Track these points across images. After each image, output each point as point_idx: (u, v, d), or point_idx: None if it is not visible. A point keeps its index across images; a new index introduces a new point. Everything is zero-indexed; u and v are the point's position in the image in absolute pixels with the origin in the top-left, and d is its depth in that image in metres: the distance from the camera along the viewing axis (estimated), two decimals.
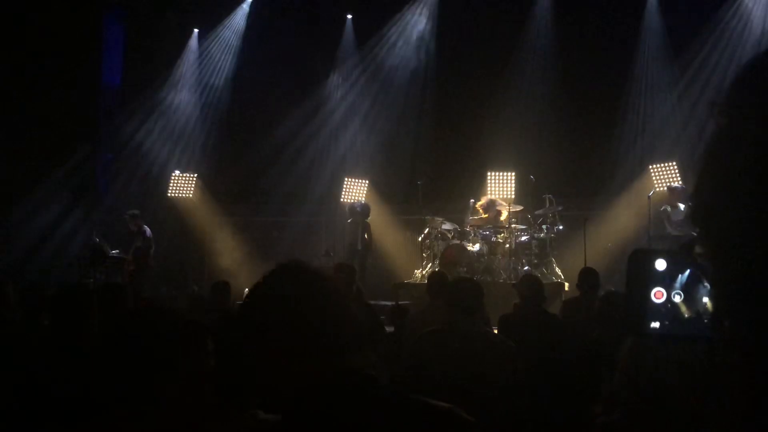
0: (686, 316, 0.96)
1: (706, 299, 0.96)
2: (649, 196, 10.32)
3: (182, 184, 12.62)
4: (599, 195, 11.73)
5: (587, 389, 3.06)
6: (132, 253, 10.68)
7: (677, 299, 0.97)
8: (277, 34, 13.15)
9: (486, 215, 10.70)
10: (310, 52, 13.20)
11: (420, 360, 3.46)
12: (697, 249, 0.94)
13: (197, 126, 13.51)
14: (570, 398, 3.20)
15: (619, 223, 11.38)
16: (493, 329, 4.85)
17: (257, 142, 12.97)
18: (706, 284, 0.96)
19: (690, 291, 0.97)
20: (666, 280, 0.98)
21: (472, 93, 12.63)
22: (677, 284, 0.97)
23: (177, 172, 12.72)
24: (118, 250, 10.90)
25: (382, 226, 12.20)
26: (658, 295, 0.98)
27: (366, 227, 11.29)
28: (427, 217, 10.79)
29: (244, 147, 13.17)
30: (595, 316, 4.36)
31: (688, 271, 0.96)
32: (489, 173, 11.70)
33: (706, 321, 0.95)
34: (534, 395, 3.30)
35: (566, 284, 9.70)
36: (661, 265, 0.98)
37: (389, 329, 5.76)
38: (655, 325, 0.98)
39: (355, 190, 12.52)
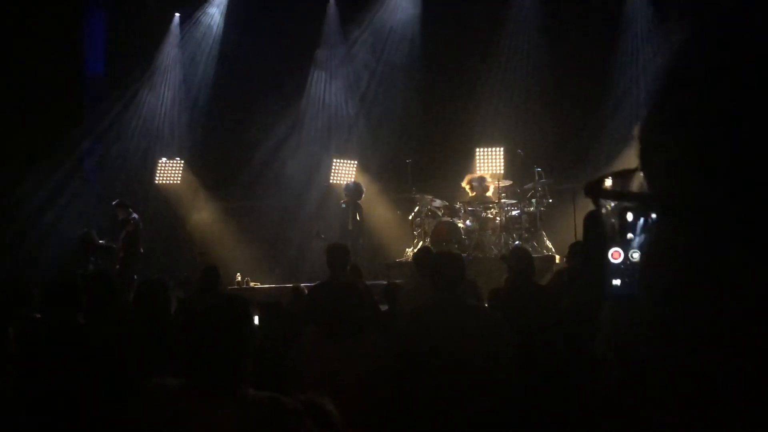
0: None
1: None
2: (636, 168, 10.31)
3: (169, 171, 12.55)
4: (588, 166, 11.71)
5: (577, 358, 3.07)
6: (121, 240, 10.64)
7: (636, 257, 0.97)
8: (260, 15, 13.01)
9: (473, 193, 10.73)
10: (295, 33, 13.07)
11: (410, 337, 3.47)
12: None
13: (183, 111, 13.39)
14: (561, 368, 3.21)
15: None
16: (484, 304, 4.86)
17: (243, 125, 12.88)
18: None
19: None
20: (623, 239, 0.97)
21: (459, 70, 12.57)
22: (635, 243, 0.96)
23: (163, 159, 12.64)
24: (106, 239, 10.86)
25: (372, 206, 12.19)
26: (615, 255, 0.97)
27: (357, 208, 11.28)
28: (417, 196, 10.78)
29: (230, 131, 13.08)
30: (566, 284, 4.39)
31: (640, 232, 0.95)
32: (477, 149, 11.69)
33: None
34: (525, 366, 3.32)
35: (557, 257, 9.73)
36: (616, 224, 0.98)
37: (383, 308, 5.77)
38: (617, 282, 0.98)
39: (343, 171, 12.48)
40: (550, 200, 10.54)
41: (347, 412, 2.27)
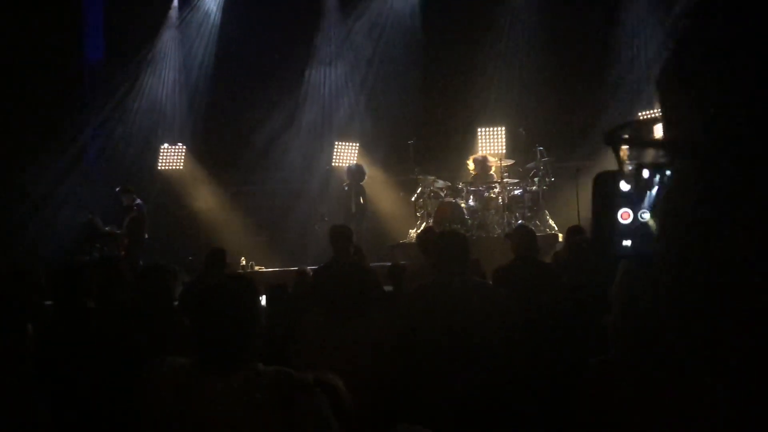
0: (654, 232, 0.96)
1: None
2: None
3: (171, 157, 12.55)
4: (590, 144, 11.70)
5: (581, 333, 3.10)
6: (126, 227, 10.68)
7: (645, 217, 0.97)
8: (259, 1, 12.96)
9: (476, 172, 10.75)
10: (294, 15, 13.02)
11: (415, 314, 3.50)
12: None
13: (184, 97, 13.37)
14: (565, 343, 3.25)
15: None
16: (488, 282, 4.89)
17: (245, 109, 12.87)
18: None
19: (657, 208, 0.97)
20: (632, 200, 0.98)
21: (460, 50, 12.53)
22: (644, 203, 0.97)
23: (165, 145, 12.64)
24: (111, 226, 10.90)
25: (375, 188, 12.20)
26: (624, 216, 0.98)
27: (360, 190, 11.30)
28: (419, 177, 10.79)
29: (232, 115, 13.07)
30: (564, 263, 4.41)
31: (655, 189, 0.96)
32: (479, 129, 11.68)
33: None
34: (530, 342, 3.35)
35: (560, 235, 9.74)
36: (625, 185, 0.98)
37: (388, 289, 5.81)
38: (627, 243, 0.98)
39: (346, 154, 12.48)
40: (553, 179, 10.54)
41: (353, 392, 2.31)
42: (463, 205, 10.21)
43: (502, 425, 2.50)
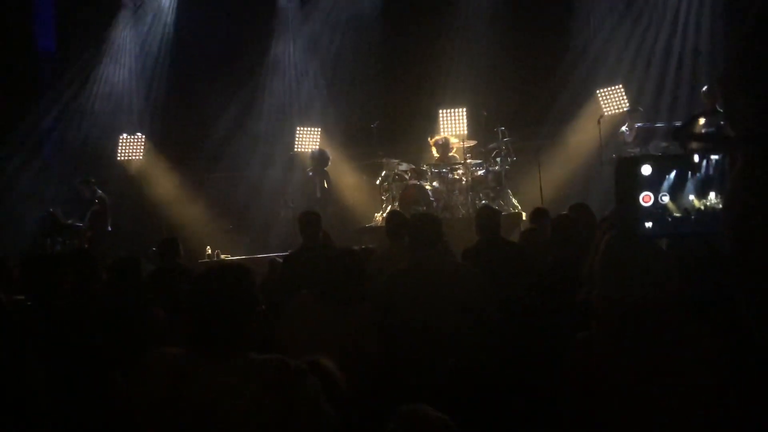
0: (675, 215, 1.03)
1: (692, 197, 1.02)
2: (598, 121, 10.51)
3: (131, 147, 12.35)
4: (550, 123, 11.88)
5: (557, 310, 3.19)
6: (88, 219, 10.53)
7: (665, 200, 1.04)
8: None
9: (438, 154, 10.84)
10: (253, 0, 12.88)
11: (391, 299, 3.54)
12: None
13: (141, 85, 13.14)
14: (541, 320, 3.34)
15: (570, 149, 11.60)
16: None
17: (204, 97, 12.72)
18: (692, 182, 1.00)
19: (676, 191, 1.03)
20: (653, 183, 1.03)
21: (419, 31, 12.54)
22: (664, 187, 1.03)
23: (124, 135, 12.43)
24: (72, 219, 10.73)
25: (339, 173, 12.21)
26: (645, 199, 1.04)
27: (324, 175, 11.29)
28: (383, 160, 10.83)
29: (191, 103, 12.89)
30: (548, 241, 4.50)
31: (673, 173, 1.02)
32: (441, 111, 11.74)
33: (693, 217, 1.01)
34: (505, 321, 3.43)
35: (523, 214, 9.90)
36: (646, 170, 1.04)
37: None
38: (649, 224, 1.04)
39: (308, 139, 12.44)
40: (515, 158, 10.68)
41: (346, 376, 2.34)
42: (427, 187, 10.28)
43: (486, 404, 2.57)
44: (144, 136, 12.47)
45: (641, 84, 11.61)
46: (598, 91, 11.40)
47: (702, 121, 7.59)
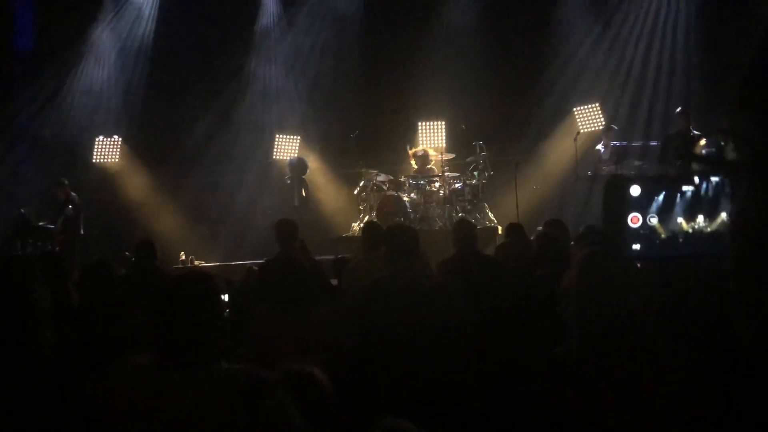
0: (663, 237, 1.04)
1: (680, 219, 1.04)
2: (575, 138, 10.65)
3: (107, 149, 12.25)
4: (527, 139, 12.02)
5: (536, 325, 3.22)
6: (61, 222, 10.39)
7: (653, 222, 1.05)
8: None
9: (417, 166, 10.90)
10: (234, 6, 12.85)
11: (366, 310, 3.55)
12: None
13: (119, 88, 13.02)
14: (519, 335, 3.37)
15: (547, 165, 11.73)
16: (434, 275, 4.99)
17: (182, 101, 12.65)
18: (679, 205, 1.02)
19: (665, 213, 1.04)
20: (641, 204, 1.05)
21: (400, 44, 12.62)
22: (652, 208, 1.05)
23: (101, 137, 12.32)
24: (45, 221, 10.59)
25: (317, 182, 12.22)
26: (634, 220, 1.06)
27: (303, 183, 11.28)
28: (362, 170, 10.85)
29: (169, 107, 12.81)
30: (534, 256, 4.54)
31: (662, 195, 1.04)
32: (420, 123, 11.82)
33: (680, 240, 1.03)
34: (482, 334, 3.44)
35: (499, 228, 9.97)
36: (635, 191, 1.06)
37: (333, 282, 5.85)
38: (636, 246, 1.06)
39: (287, 147, 12.43)
40: (492, 172, 10.76)
41: None
42: (405, 198, 10.32)
43: (461, 418, 2.58)
44: (120, 139, 12.36)
45: (617, 103, 11.80)
46: (574, 109, 11.57)
47: (703, 142, 7.72)
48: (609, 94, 11.86)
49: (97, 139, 12.26)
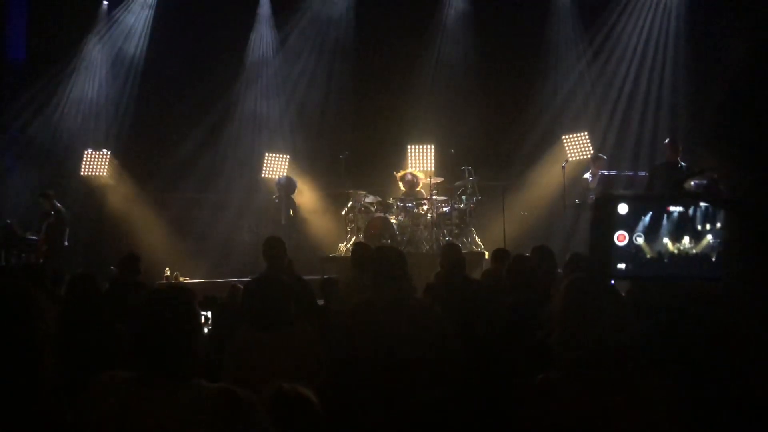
0: (648, 257, 1.03)
1: (666, 240, 1.04)
2: (563, 166, 10.73)
3: (95, 162, 12.21)
4: (515, 166, 12.10)
5: (518, 351, 3.22)
6: (44, 233, 10.31)
7: (639, 241, 1.04)
8: (192, 3, 12.79)
9: (405, 189, 10.93)
10: (227, 23, 12.90)
11: (351, 331, 3.54)
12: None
13: (110, 101, 13.01)
14: (501, 360, 3.37)
15: (535, 192, 11.80)
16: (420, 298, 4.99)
17: (173, 117, 12.66)
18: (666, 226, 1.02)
19: (651, 233, 1.04)
20: (628, 223, 1.04)
21: (392, 67, 12.72)
22: (639, 227, 1.04)
23: (89, 150, 12.28)
24: (30, 232, 10.50)
25: (305, 201, 12.21)
26: (620, 238, 1.05)
27: (290, 202, 11.27)
28: (350, 191, 10.87)
29: (159, 122, 12.81)
30: (505, 284, 4.55)
31: (649, 214, 1.03)
32: (409, 146, 11.88)
33: (666, 261, 1.02)
34: (465, 359, 3.44)
35: (486, 253, 9.99)
36: (623, 209, 1.05)
37: (319, 302, 5.84)
38: (621, 266, 1.05)
39: (276, 166, 12.44)
40: (479, 197, 10.81)
41: None
42: (393, 220, 10.33)
43: None
44: (110, 152, 12.33)
45: (606, 132, 11.92)
46: (563, 137, 11.67)
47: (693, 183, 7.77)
48: (597, 123, 11.99)
49: (86, 152, 12.22)
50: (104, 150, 12.35)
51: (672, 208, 1.33)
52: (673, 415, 1.86)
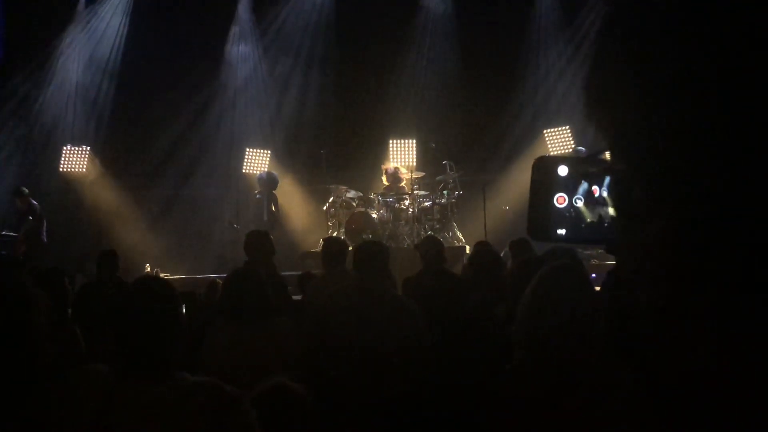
0: (588, 220, 1.00)
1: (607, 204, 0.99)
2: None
3: (75, 158, 12.08)
4: (497, 160, 12.12)
5: (493, 343, 3.23)
6: (23, 231, 10.20)
7: (579, 204, 1.01)
8: (169, 1, 12.69)
9: (388, 183, 10.93)
10: (207, 18, 12.81)
11: (326, 323, 3.54)
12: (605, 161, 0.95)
13: (88, 97, 12.88)
14: (477, 354, 3.37)
15: (516, 186, 11.81)
16: (399, 292, 4.97)
17: (152, 112, 12.55)
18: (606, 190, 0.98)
19: (591, 197, 1.01)
20: (568, 185, 1.01)
21: (373, 60, 12.69)
22: (579, 190, 1.01)
23: (68, 146, 12.15)
24: (5, 230, 10.38)
25: (286, 197, 12.16)
26: (560, 200, 1.02)
27: (272, 198, 11.22)
28: (331, 186, 10.84)
29: (139, 118, 12.70)
30: (468, 281, 4.56)
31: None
32: (391, 141, 11.86)
33: (606, 225, 0.99)
34: (440, 353, 3.45)
35: (467, 247, 10.01)
36: (563, 171, 1.02)
37: (297, 297, 5.82)
38: (561, 231, 1.01)
39: (257, 161, 12.37)
40: (461, 192, 10.82)
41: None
42: (374, 215, 10.32)
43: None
44: (88, 148, 12.21)
45: (585, 126, 11.95)
46: (545, 132, 11.71)
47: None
48: (579, 117, 12.03)
49: (64, 148, 12.09)
50: (83, 146, 12.23)
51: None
52: (635, 401, 1.86)
